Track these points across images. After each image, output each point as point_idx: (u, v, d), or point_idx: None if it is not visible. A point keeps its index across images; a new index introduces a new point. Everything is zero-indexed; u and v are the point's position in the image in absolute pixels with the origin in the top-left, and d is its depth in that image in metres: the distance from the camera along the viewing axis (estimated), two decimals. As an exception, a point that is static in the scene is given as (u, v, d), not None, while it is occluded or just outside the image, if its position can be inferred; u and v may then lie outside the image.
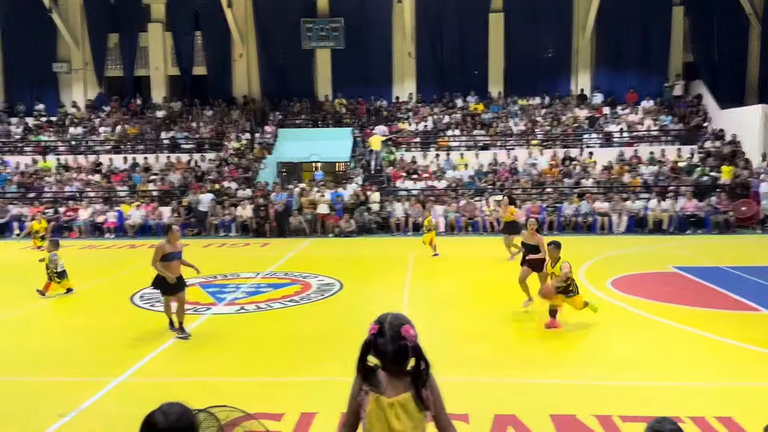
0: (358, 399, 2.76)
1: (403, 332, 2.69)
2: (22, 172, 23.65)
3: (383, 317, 2.76)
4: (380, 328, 2.71)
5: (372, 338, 2.71)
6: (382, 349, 2.69)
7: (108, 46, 28.27)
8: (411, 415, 2.68)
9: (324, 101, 27.46)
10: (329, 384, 6.50)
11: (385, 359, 2.72)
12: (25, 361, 7.69)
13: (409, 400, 2.69)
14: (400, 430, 2.66)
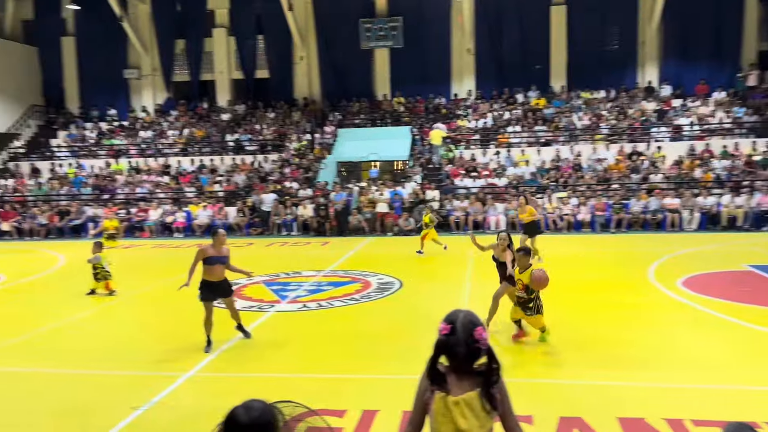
0: (424, 398, 2.75)
1: (477, 335, 2.65)
2: (97, 174, 24.83)
3: (454, 317, 2.72)
4: (452, 328, 2.68)
5: (444, 339, 2.68)
6: (455, 350, 2.66)
7: (175, 51, 29.31)
8: (477, 414, 2.65)
9: (382, 100, 27.58)
10: (391, 382, 6.54)
11: (455, 360, 2.69)
12: (101, 355, 8.06)
13: (474, 398, 2.66)
14: (465, 428, 2.64)
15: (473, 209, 20.19)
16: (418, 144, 24.64)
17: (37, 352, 8.23)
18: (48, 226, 21.75)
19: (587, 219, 19.52)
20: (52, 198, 23.51)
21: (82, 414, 6.07)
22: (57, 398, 6.53)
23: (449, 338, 2.67)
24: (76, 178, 24.64)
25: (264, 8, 27.17)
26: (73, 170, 25.23)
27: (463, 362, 2.69)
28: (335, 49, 28.14)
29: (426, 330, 2.76)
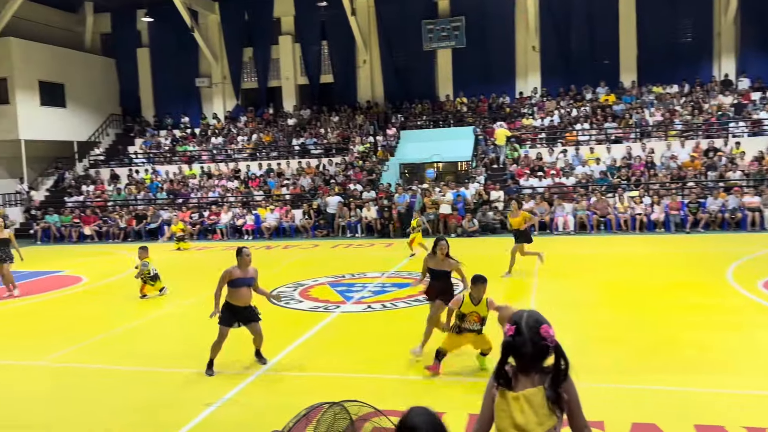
0: (490, 395, 2.75)
1: (543, 332, 2.64)
2: (171, 180, 25.88)
3: (518, 317, 2.71)
4: (517, 328, 2.66)
5: (510, 340, 2.66)
6: (522, 350, 2.65)
7: (243, 60, 30.21)
8: (536, 410, 2.62)
9: (445, 101, 27.48)
10: (456, 384, 6.50)
11: (523, 359, 2.68)
12: (175, 353, 8.40)
13: (535, 394, 2.63)
14: (521, 422, 2.62)
15: (540, 209, 19.79)
16: (482, 144, 24.40)
17: (114, 350, 8.66)
18: (126, 229, 22.85)
19: (661, 219, 18.79)
20: (130, 202, 24.68)
21: (157, 410, 6.35)
22: (133, 394, 6.86)
23: (515, 339, 2.65)
24: (152, 184, 25.78)
25: (328, 14, 27.61)
26: (149, 176, 26.42)
27: (530, 361, 2.67)
28: (398, 52, 28.29)
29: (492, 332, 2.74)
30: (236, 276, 7.37)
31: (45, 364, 8.04)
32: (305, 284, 12.67)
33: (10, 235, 13.03)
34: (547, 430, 2.63)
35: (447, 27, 27.32)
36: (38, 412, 6.42)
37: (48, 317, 10.98)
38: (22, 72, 25.66)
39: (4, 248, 12.73)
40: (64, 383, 7.34)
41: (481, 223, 19.80)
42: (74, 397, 6.84)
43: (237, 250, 7.55)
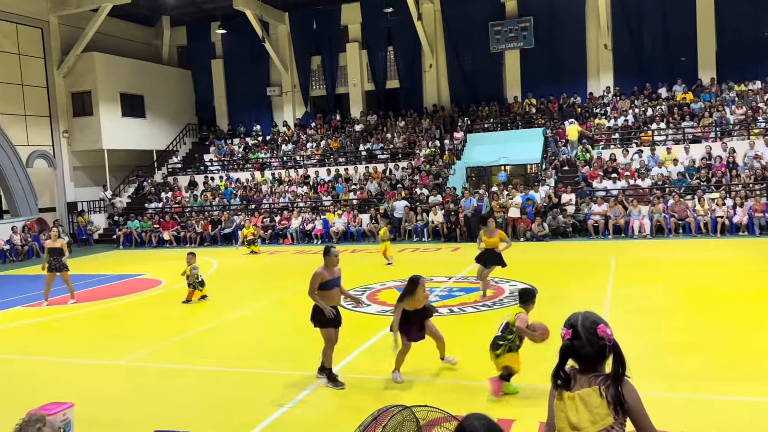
0: (552, 397, 2.75)
1: (600, 332, 2.60)
2: (244, 186, 26.69)
3: (573, 319, 2.69)
4: (574, 331, 2.63)
5: (569, 343, 2.64)
6: (581, 352, 2.62)
7: (312, 68, 30.84)
8: (591, 410, 2.58)
9: (513, 103, 27.09)
10: (526, 391, 6.39)
11: (584, 361, 2.65)
12: (249, 354, 8.65)
13: (590, 394, 2.59)
14: (575, 421, 2.60)
15: (613, 213, 19.18)
16: (552, 146, 23.88)
17: (190, 351, 9.00)
18: (202, 234, 23.73)
19: (744, 221, 17.82)
20: (206, 208, 25.62)
21: (231, 409, 6.55)
22: (208, 394, 7.10)
23: (573, 342, 2.64)
24: (226, 190, 26.67)
25: (394, 20, 27.80)
26: (223, 182, 27.35)
27: (591, 363, 2.65)
28: (464, 55, 28.14)
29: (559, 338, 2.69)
30: (326, 278, 7.31)
31: (124, 364, 8.45)
32: (373, 288, 12.77)
33: (62, 244, 13.20)
34: (601, 429, 2.58)
35: (515, 28, 26.95)
36: (117, 409, 6.75)
37: (128, 319, 11.54)
38: (104, 85, 27.15)
39: (58, 257, 12.86)
40: (142, 382, 7.69)
41: (551, 227, 19.36)
42: (151, 395, 7.16)
43: (325, 250, 7.41)
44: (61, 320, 11.65)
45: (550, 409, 2.78)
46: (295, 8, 30.09)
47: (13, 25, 24.83)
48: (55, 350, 9.37)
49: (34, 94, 25.81)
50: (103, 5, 25.00)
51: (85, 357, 8.85)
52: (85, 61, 26.66)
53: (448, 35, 28.17)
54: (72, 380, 7.83)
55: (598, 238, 18.83)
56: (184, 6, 28.97)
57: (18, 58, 25.09)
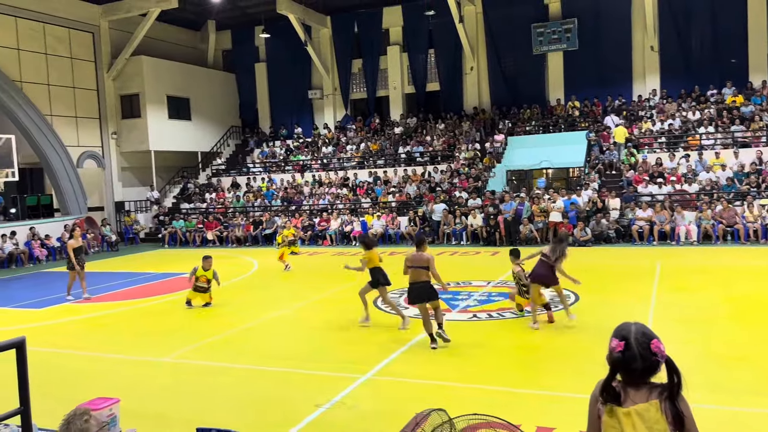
0: (596, 412, 2.65)
1: (654, 348, 2.52)
2: (285, 187, 27.03)
3: (626, 331, 2.60)
4: (626, 343, 2.56)
5: (619, 356, 2.56)
6: (632, 366, 2.54)
7: (353, 71, 31.05)
8: (650, 426, 2.50)
9: (556, 105, 26.73)
10: (567, 400, 6.30)
11: (632, 375, 2.57)
12: (287, 354, 8.75)
13: (647, 409, 2.51)
14: None
15: (659, 218, 18.72)
16: (595, 149, 23.45)
17: (233, 349, 9.16)
18: (244, 234, 24.12)
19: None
20: (248, 209, 26.04)
21: (269, 408, 6.64)
22: (247, 392, 7.22)
23: (625, 354, 2.54)
24: (267, 191, 27.07)
25: (435, 23, 27.77)
26: (265, 184, 27.76)
27: (639, 377, 2.56)
28: (506, 57, 27.90)
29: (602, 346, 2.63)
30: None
31: (168, 361, 8.66)
32: (411, 291, 12.74)
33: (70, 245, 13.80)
34: None
35: (558, 30, 26.58)
36: (160, 404, 6.92)
37: (172, 316, 11.81)
38: (152, 88, 27.88)
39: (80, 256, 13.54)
40: (184, 379, 7.87)
41: (594, 232, 19.01)
42: (193, 392, 7.32)
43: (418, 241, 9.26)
44: (107, 317, 12.01)
45: (592, 426, 2.68)
46: (337, 12, 30.34)
47: (65, 30, 25.74)
48: (102, 346, 9.67)
49: (85, 96, 26.68)
50: (152, 10, 25.69)
51: (130, 353, 9.11)
52: (134, 65, 27.44)
53: (490, 37, 27.97)
54: (118, 375, 8.07)
55: (642, 244, 18.41)
56: (229, 10, 29.54)
57: (70, 62, 25.99)
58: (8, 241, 20.90)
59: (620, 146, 22.66)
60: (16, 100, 23.32)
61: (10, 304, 13.79)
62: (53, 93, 25.16)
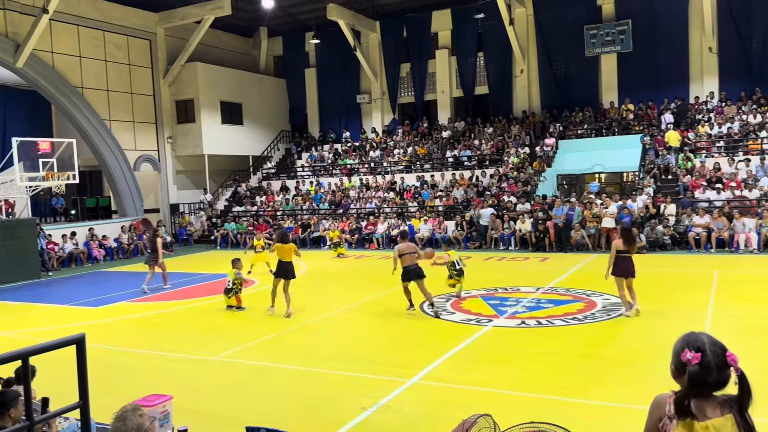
0: (659, 425, 2.54)
1: (730, 360, 2.41)
2: (333, 191, 27.28)
3: (700, 342, 2.48)
4: (702, 355, 2.44)
5: (696, 369, 2.44)
6: (707, 379, 2.43)
7: (401, 75, 31.12)
8: None
9: (609, 108, 26.12)
10: (620, 410, 6.14)
11: (705, 388, 2.46)
12: (333, 356, 8.81)
13: (724, 424, 2.40)
14: None
15: (717, 225, 18.05)
16: (650, 153, 22.80)
17: (281, 350, 9.29)
18: (293, 237, 24.43)
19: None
20: (297, 212, 26.39)
21: (317, 408, 6.70)
22: (296, 392, 7.31)
23: (701, 367, 2.43)
24: (316, 195, 27.37)
25: (485, 26, 27.56)
26: (313, 187, 28.09)
27: (711, 390, 2.45)
28: (557, 59, 27.46)
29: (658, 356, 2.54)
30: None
31: (218, 360, 8.85)
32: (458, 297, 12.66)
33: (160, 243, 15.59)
34: None
35: (612, 31, 26.00)
36: (211, 402, 7.07)
37: (223, 316, 12.06)
38: (206, 93, 28.60)
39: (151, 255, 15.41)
40: (234, 378, 8.01)
41: (649, 239, 18.46)
42: (242, 391, 7.45)
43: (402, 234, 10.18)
44: (161, 316, 12.36)
45: None
46: (386, 16, 30.47)
47: (124, 38, 26.68)
48: (156, 344, 9.95)
49: (142, 101, 27.58)
50: (206, 17, 26.37)
51: (183, 352, 9.35)
52: (189, 71, 28.22)
53: (541, 39, 27.58)
54: (171, 373, 8.29)
55: (699, 252, 17.78)
56: (281, 17, 30.06)
57: (128, 68, 26.92)
58: (68, 241, 21.77)
59: (675, 150, 21.96)
60: (77, 105, 24.32)
61: (69, 302, 14.37)
62: (112, 98, 26.10)
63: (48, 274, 19.49)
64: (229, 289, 12.38)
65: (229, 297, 12.37)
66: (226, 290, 12.42)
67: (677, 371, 2.52)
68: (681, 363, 2.48)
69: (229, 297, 12.37)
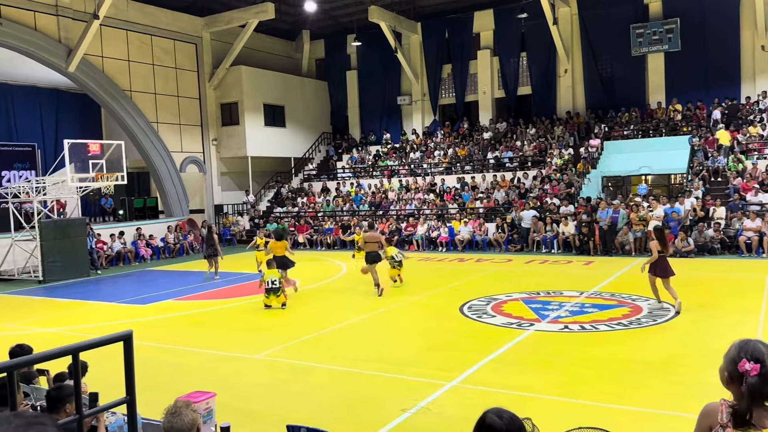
0: None
1: None
2: (373, 192, 27.36)
3: (758, 353, 2.39)
4: (762, 365, 2.35)
5: (756, 380, 2.37)
6: (765, 390, 2.35)
7: (442, 76, 31.01)
8: None
9: (656, 109, 25.47)
10: (665, 418, 5.97)
11: (764, 398, 2.38)
12: (374, 356, 8.83)
13: None
14: None
15: None
16: (699, 155, 22.13)
17: (321, 350, 9.35)
18: (333, 238, 24.60)
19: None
20: (337, 213, 26.56)
21: (357, 409, 6.72)
22: (336, 391, 7.35)
23: (761, 378, 2.35)
24: (356, 196, 27.50)
25: (528, 26, 27.24)
26: (354, 189, 28.23)
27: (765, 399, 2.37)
28: (602, 59, 26.95)
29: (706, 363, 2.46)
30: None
31: (260, 358, 8.97)
32: (498, 299, 12.55)
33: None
34: None
35: (659, 30, 25.35)
36: (252, 400, 7.18)
37: (264, 316, 12.22)
38: (250, 96, 29.06)
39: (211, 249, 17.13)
40: (275, 377, 8.11)
41: (697, 243, 17.92)
42: (283, 389, 7.53)
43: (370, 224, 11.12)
44: (205, 314, 12.60)
45: None
46: (427, 18, 30.42)
47: (171, 42, 27.34)
48: (199, 342, 10.15)
49: (188, 104, 28.21)
50: (250, 21, 26.81)
51: (225, 350, 9.50)
52: (233, 74, 28.73)
53: (586, 39, 27.10)
54: (214, 371, 8.44)
55: (750, 257, 17.17)
56: (323, 20, 30.33)
57: (175, 72, 27.57)
58: (117, 241, 22.41)
59: (726, 149, 21.24)
60: (126, 108, 25.04)
61: (117, 299, 14.79)
62: (159, 101, 26.77)
63: (97, 272, 20.10)
64: (273, 288, 12.49)
65: (269, 296, 12.49)
66: (267, 290, 12.53)
67: (731, 379, 2.44)
68: (737, 372, 2.40)
69: (269, 296, 12.49)
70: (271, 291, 12.48)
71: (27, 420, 0.96)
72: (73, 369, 3.10)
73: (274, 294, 12.48)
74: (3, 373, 3.35)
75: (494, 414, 2.38)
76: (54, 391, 4.12)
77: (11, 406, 2.82)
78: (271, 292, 12.48)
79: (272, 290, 12.48)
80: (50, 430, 0.96)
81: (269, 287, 12.49)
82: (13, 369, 2.81)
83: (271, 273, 12.68)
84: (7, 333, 11.07)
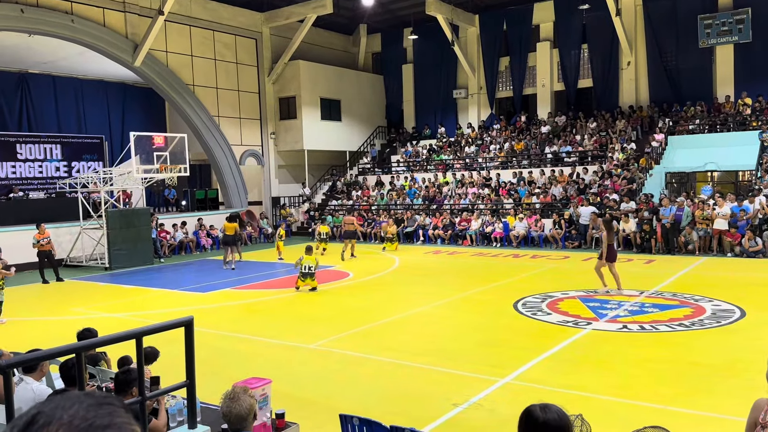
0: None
1: None
2: (427, 186, 27.29)
3: None
4: None
5: None
6: None
7: (499, 69, 30.58)
8: None
9: (724, 103, 24.39)
10: (728, 423, 5.76)
11: None
12: (425, 350, 8.84)
13: None
14: None
15: None
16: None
17: (373, 341, 9.43)
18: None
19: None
20: (391, 207, 26.64)
21: (408, 402, 6.75)
22: (388, 384, 7.40)
23: None
24: (410, 190, 27.49)
25: (589, 17, 26.53)
26: (407, 183, 28.23)
27: None
28: (668, 51, 25.98)
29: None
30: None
31: (314, 348, 9.12)
32: (554, 296, 12.33)
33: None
34: None
35: (729, 21, 24.23)
36: (306, 389, 7.31)
37: (318, 306, 12.42)
38: (307, 90, 29.44)
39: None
40: (327, 366, 8.23)
41: (766, 243, 17.10)
42: (335, 379, 7.64)
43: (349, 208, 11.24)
44: (261, 303, 12.90)
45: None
46: (486, 10, 30.04)
47: (232, 37, 27.96)
48: (257, 330, 10.41)
49: (248, 99, 28.81)
50: (309, 16, 27.12)
51: (281, 338, 9.71)
52: (291, 69, 29.15)
53: (650, 30, 26.18)
54: (269, 359, 8.64)
55: (826, 259, 16.27)
56: (380, 14, 30.36)
57: (236, 67, 28.20)
58: (179, 230, 23.16)
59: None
60: (189, 102, 25.79)
61: (178, 287, 15.31)
62: (220, 95, 27.45)
63: (160, 260, 20.86)
64: (309, 273, 13.64)
65: (305, 280, 13.65)
66: (302, 274, 13.67)
67: None
68: None
69: (305, 280, 13.65)
70: (307, 276, 13.63)
71: (97, 400, 1.02)
72: (137, 352, 3.23)
73: (310, 278, 13.65)
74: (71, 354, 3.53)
75: (540, 407, 2.36)
76: (122, 374, 4.31)
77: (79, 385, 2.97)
78: (307, 277, 13.64)
79: (308, 275, 13.63)
80: (119, 411, 1.02)
81: (305, 272, 13.63)
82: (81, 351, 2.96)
83: (308, 259, 13.69)
84: (75, 317, 11.64)
